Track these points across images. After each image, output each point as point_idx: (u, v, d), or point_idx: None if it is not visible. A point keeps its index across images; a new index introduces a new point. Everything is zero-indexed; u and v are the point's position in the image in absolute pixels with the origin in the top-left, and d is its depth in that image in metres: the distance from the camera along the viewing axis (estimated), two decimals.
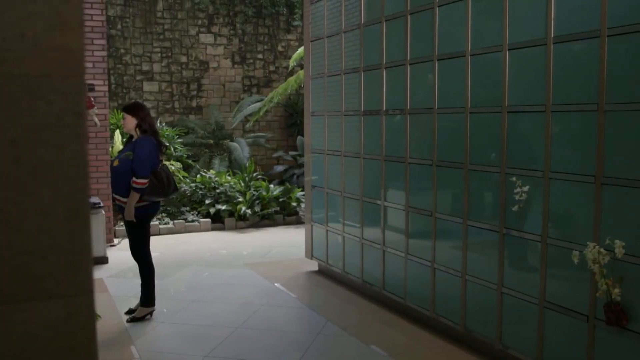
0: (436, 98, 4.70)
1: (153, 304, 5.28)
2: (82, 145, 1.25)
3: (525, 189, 3.90)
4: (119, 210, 5.16)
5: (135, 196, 4.93)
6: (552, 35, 3.68)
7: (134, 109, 5.09)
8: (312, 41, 6.60)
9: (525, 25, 3.91)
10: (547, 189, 3.76)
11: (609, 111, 3.37)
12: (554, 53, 3.68)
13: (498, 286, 4.16)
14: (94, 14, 7.64)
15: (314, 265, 6.89)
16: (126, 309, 5.38)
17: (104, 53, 7.74)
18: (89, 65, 7.64)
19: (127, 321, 5.15)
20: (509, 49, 4.00)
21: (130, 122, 5.06)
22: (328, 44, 6.26)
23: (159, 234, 8.84)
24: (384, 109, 5.35)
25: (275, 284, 6.28)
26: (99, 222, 7.00)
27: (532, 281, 3.90)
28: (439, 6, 4.63)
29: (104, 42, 7.75)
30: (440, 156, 4.69)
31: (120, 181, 5.01)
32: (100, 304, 5.47)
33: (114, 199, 5.32)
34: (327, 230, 6.44)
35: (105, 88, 7.78)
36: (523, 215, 3.96)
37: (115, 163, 5.08)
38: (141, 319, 5.17)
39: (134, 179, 4.91)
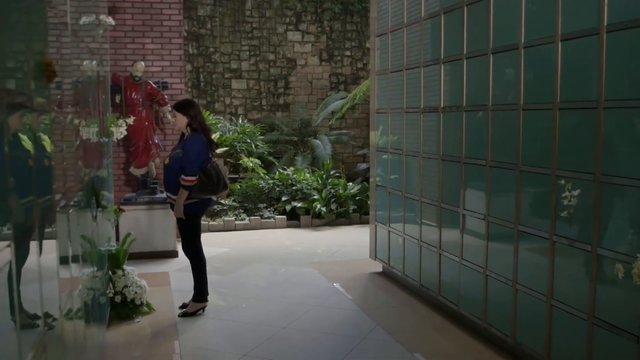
0: (490, 94, 4.41)
1: (205, 300, 5.31)
2: None
3: (575, 193, 3.57)
4: (170, 207, 5.23)
5: (183, 193, 4.98)
6: (605, 24, 3.33)
7: (184, 107, 5.13)
8: (377, 36, 6.43)
9: (577, 13, 3.57)
10: (597, 193, 3.41)
11: None
12: (607, 43, 3.33)
13: (547, 298, 3.84)
14: (171, 13, 7.83)
15: (378, 267, 6.72)
16: (182, 304, 5.46)
17: (181, 52, 7.91)
18: (166, 63, 7.84)
19: (179, 316, 5.22)
20: (561, 40, 3.67)
21: (181, 120, 5.11)
22: (392, 39, 6.06)
23: (235, 230, 8.96)
24: (442, 105, 5.10)
25: (334, 284, 6.16)
26: (168, 217, 7.16)
27: (581, 294, 3.56)
28: None
29: (181, 41, 7.92)
30: (493, 156, 4.40)
31: (171, 179, 5.07)
32: (159, 297, 5.60)
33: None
34: (389, 231, 6.25)
35: (182, 86, 7.95)
36: (572, 221, 3.62)
37: (166, 161, 5.15)
38: (193, 314, 5.22)
39: (183, 176, 4.96)
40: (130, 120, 5.21)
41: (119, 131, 5.00)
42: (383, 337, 4.74)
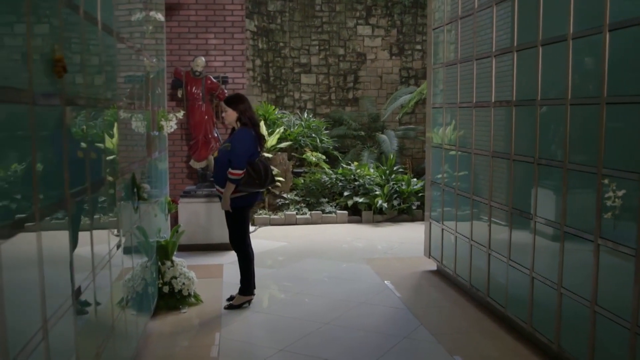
0: (539, 88, 4.20)
1: (251, 293, 5.36)
2: None
3: (620, 193, 3.34)
4: (219, 200, 5.29)
5: (230, 187, 5.03)
6: None
7: (234, 101, 5.17)
8: (434, 29, 6.27)
9: (624, 1, 3.34)
10: None
11: None
12: None
13: (591, 303, 3.63)
14: (234, 9, 7.93)
15: (433, 265, 6.57)
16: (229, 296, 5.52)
17: (244, 47, 8.00)
18: (229, 58, 7.95)
19: (225, 308, 5.28)
20: (609, 30, 3.44)
21: (231, 115, 5.15)
22: (447, 32, 5.90)
23: (296, 224, 9.00)
24: (493, 100, 4.92)
25: (385, 282, 6.08)
26: None
27: (625, 302, 3.34)
28: None
29: (243, 36, 8.01)
30: (541, 153, 4.20)
31: (219, 172, 5.13)
32: (209, 289, 5.69)
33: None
34: (442, 229, 6.10)
35: (244, 81, 8.04)
36: (617, 224, 3.40)
37: (215, 154, 5.22)
38: (238, 306, 5.27)
39: (230, 169, 5.01)
40: (180, 114, 5.30)
41: (169, 125, 5.10)
42: (425, 338, 4.63)
